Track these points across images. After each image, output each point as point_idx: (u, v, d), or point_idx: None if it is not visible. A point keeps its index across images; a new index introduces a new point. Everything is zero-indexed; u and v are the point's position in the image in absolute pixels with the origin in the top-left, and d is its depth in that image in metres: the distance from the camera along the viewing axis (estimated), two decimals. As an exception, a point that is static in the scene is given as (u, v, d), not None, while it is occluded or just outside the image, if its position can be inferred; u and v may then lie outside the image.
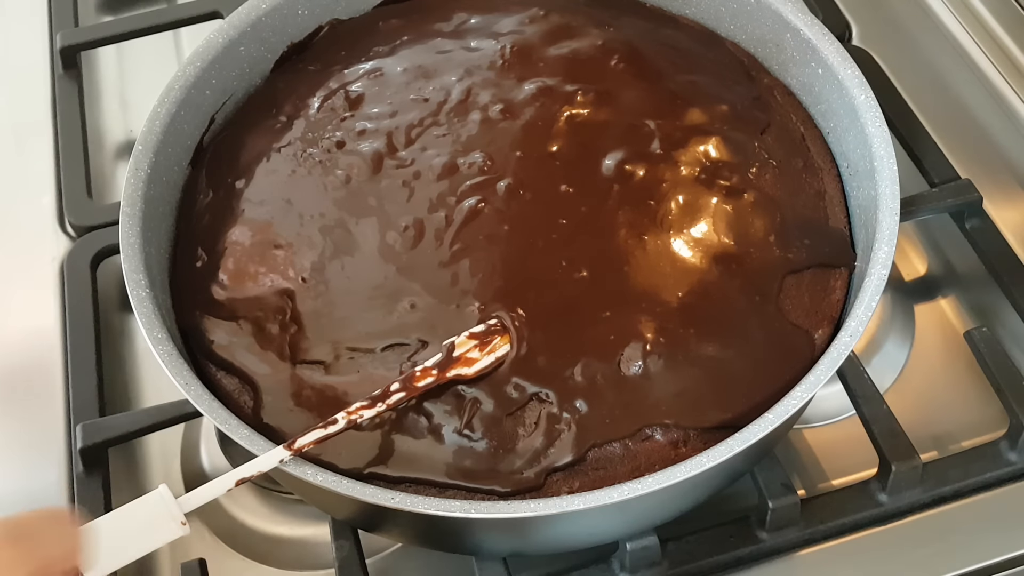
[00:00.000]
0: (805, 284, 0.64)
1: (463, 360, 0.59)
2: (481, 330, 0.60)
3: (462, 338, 0.59)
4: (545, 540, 0.63)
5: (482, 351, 0.59)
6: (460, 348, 0.59)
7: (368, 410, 0.58)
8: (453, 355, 0.59)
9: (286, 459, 0.55)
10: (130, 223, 0.64)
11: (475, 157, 0.66)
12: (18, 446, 0.74)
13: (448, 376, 0.59)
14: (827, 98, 0.70)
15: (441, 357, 0.59)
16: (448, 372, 0.59)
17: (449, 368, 0.59)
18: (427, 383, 0.58)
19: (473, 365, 0.59)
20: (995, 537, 0.66)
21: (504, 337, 0.60)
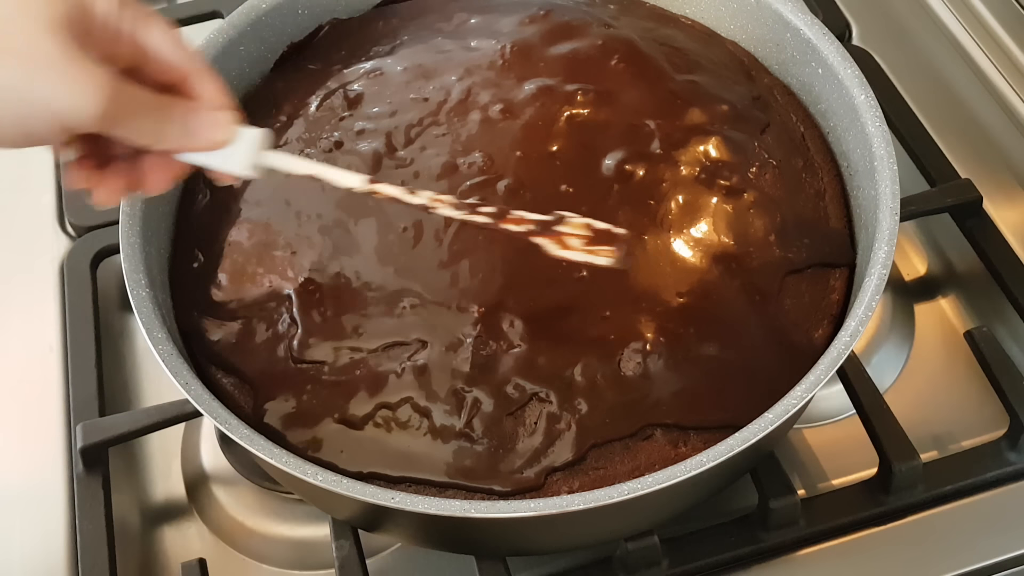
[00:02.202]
0: (805, 284, 0.64)
1: (561, 238, 0.57)
2: (602, 227, 0.58)
3: (579, 219, 0.58)
4: (545, 540, 0.63)
5: (584, 245, 0.57)
6: (568, 226, 0.57)
7: (451, 208, 0.57)
8: (556, 226, 0.57)
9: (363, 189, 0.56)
10: (130, 223, 0.64)
11: (475, 157, 0.66)
12: (18, 446, 0.74)
13: (535, 237, 0.57)
14: (827, 98, 0.70)
15: (548, 218, 0.58)
16: (539, 236, 0.57)
17: (544, 234, 0.57)
18: (515, 229, 0.57)
19: (565, 249, 0.57)
20: (995, 537, 0.66)
21: (611, 252, 0.57)
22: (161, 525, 0.72)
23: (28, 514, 0.71)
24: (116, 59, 0.50)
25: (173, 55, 0.52)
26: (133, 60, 0.51)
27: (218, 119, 0.53)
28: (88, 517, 0.68)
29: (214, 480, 0.73)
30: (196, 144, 0.53)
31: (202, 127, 0.53)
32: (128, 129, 0.51)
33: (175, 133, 0.52)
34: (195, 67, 0.53)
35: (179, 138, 0.52)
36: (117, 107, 0.49)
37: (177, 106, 0.52)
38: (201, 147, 0.53)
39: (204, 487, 0.73)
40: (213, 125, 0.53)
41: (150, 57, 0.51)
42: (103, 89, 0.48)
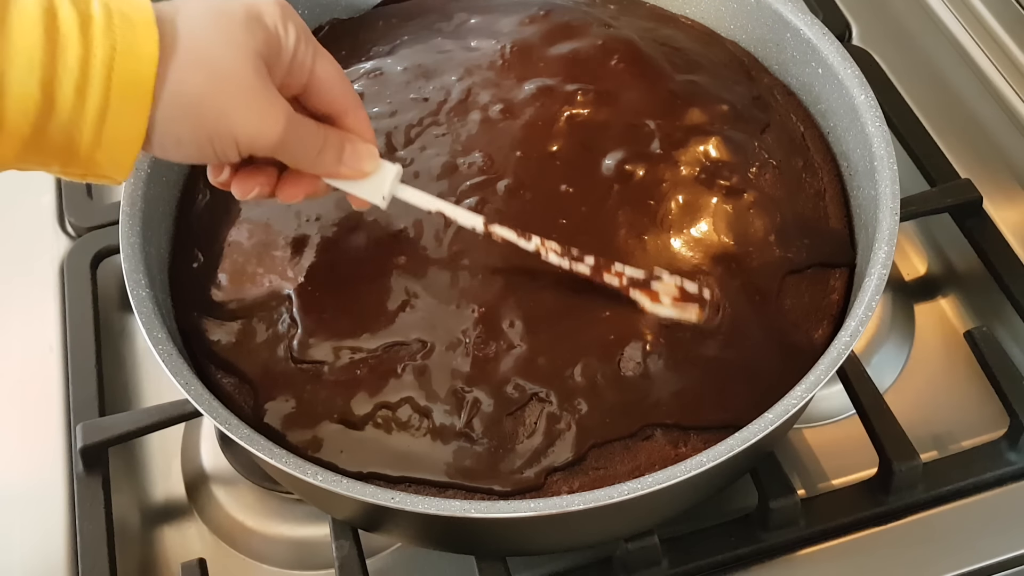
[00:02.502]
0: (805, 284, 0.64)
1: (653, 294, 0.60)
2: (692, 289, 0.60)
3: (672, 279, 0.60)
4: (545, 540, 0.63)
5: (674, 302, 0.60)
6: (661, 284, 0.60)
7: (557, 256, 0.60)
8: (650, 282, 0.60)
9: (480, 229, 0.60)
10: (130, 223, 0.64)
11: (475, 157, 0.66)
12: (18, 446, 0.74)
13: (630, 291, 0.60)
14: (827, 98, 0.70)
15: (641, 275, 0.60)
16: (634, 290, 0.60)
17: (639, 288, 0.60)
18: (612, 281, 0.60)
19: (656, 305, 0.60)
20: (995, 537, 0.66)
21: (700, 312, 0.60)
22: (161, 525, 0.72)
23: (28, 514, 0.71)
24: (288, 87, 0.54)
25: (336, 89, 0.56)
26: (303, 89, 0.55)
27: (366, 152, 0.57)
28: (88, 517, 0.68)
29: (214, 480, 0.73)
30: (346, 173, 0.57)
31: (354, 158, 0.57)
32: (292, 155, 0.55)
33: (330, 161, 0.56)
34: (352, 103, 0.57)
35: (332, 165, 0.57)
36: (289, 136, 0.52)
37: (333, 136, 0.56)
38: (349, 176, 0.58)
39: (204, 487, 0.73)
40: (363, 157, 0.57)
41: (317, 89, 0.55)
42: (283, 121, 0.52)
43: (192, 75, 0.49)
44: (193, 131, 0.50)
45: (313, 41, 0.55)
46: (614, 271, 0.60)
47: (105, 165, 0.50)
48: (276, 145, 0.52)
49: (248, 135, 0.51)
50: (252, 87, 0.51)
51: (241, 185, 0.57)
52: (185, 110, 0.50)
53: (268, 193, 0.58)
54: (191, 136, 0.50)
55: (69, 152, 0.49)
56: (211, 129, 0.50)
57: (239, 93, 0.50)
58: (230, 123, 0.51)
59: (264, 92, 0.51)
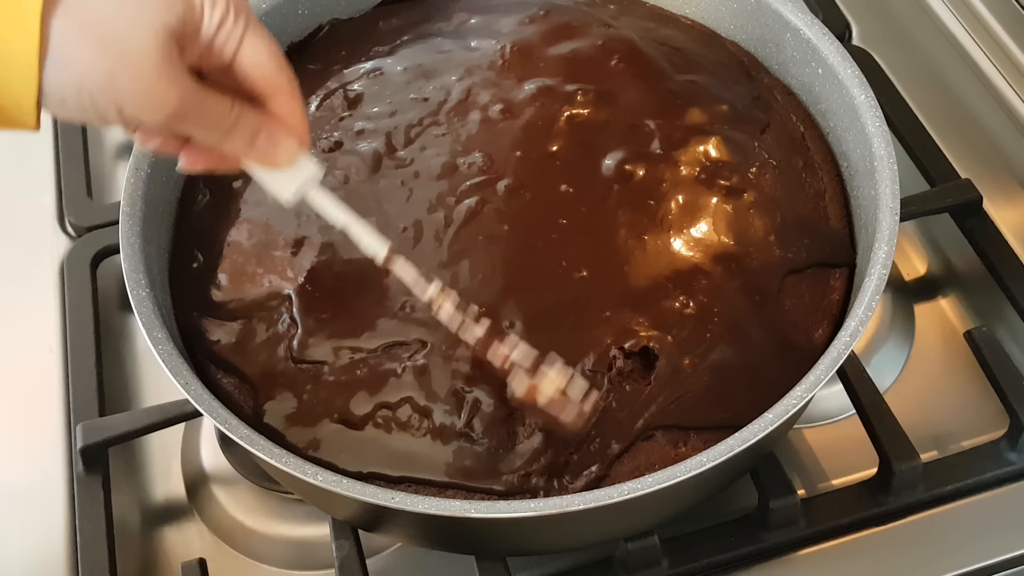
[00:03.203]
0: (805, 284, 0.64)
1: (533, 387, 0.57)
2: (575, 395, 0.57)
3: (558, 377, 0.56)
4: (545, 540, 0.63)
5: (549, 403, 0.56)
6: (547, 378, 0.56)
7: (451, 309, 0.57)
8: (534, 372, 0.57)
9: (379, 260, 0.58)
10: (130, 223, 0.64)
11: (475, 157, 0.66)
12: (18, 446, 0.74)
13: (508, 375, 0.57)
14: (827, 98, 0.70)
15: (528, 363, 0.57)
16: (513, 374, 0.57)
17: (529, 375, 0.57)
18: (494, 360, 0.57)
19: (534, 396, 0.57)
20: (995, 537, 0.66)
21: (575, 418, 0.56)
22: (161, 525, 0.72)
23: (28, 514, 0.71)
24: (208, 63, 0.52)
25: (262, 75, 0.53)
26: (222, 68, 0.53)
27: (283, 142, 0.55)
28: (88, 517, 0.68)
29: (214, 480, 0.73)
30: (256, 157, 0.55)
31: (266, 144, 0.55)
32: (192, 130, 0.53)
33: (238, 143, 0.54)
34: (282, 89, 0.54)
35: (240, 146, 0.54)
36: (184, 113, 0.50)
37: (248, 118, 0.54)
38: (260, 162, 0.56)
39: (204, 487, 0.73)
40: (276, 146, 0.55)
41: (241, 70, 0.53)
42: (175, 99, 0.50)
43: (80, 35, 0.48)
44: (76, 93, 0.48)
45: (244, 20, 0.52)
46: (505, 348, 0.57)
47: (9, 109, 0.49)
48: (166, 121, 0.50)
49: (132, 109, 0.49)
50: (148, 62, 0.48)
51: (143, 136, 0.55)
52: (69, 70, 0.48)
53: (172, 151, 0.55)
54: (74, 97, 0.49)
55: None
56: (94, 95, 0.48)
57: (131, 66, 0.48)
58: (115, 93, 0.48)
59: (161, 69, 0.49)
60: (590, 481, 0.58)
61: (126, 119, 0.50)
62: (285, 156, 0.55)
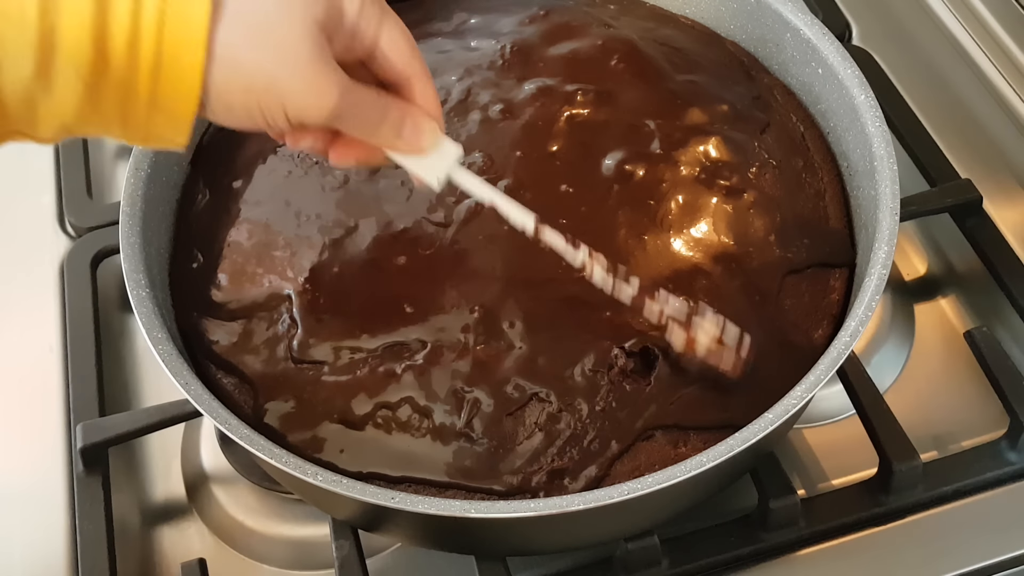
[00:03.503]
0: (805, 284, 0.64)
1: (691, 338, 0.58)
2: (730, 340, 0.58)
3: (716, 319, 0.58)
4: (545, 540, 0.63)
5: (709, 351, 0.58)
6: (703, 325, 0.58)
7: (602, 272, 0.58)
8: (692, 319, 0.58)
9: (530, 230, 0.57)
10: (130, 223, 0.64)
11: (475, 157, 0.66)
12: (18, 446, 0.74)
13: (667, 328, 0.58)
14: (827, 98, 0.70)
15: (684, 313, 0.58)
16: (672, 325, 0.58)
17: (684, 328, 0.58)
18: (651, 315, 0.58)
19: (693, 347, 0.58)
20: (995, 537, 0.66)
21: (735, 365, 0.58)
22: (161, 525, 0.72)
23: (28, 514, 0.71)
24: (352, 53, 0.53)
25: (401, 59, 0.54)
26: (365, 55, 0.53)
27: (427, 128, 0.55)
28: (88, 517, 0.68)
29: (214, 480, 0.73)
30: (402, 147, 0.55)
31: (412, 133, 0.55)
32: (348, 125, 0.53)
33: (387, 133, 0.54)
34: (417, 73, 0.55)
35: (389, 138, 0.55)
36: (344, 108, 0.51)
37: (394, 108, 0.54)
38: (405, 150, 0.56)
39: (204, 487, 0.73)
40: (421, 132, 0.55)
41: (382, 57, 0.53)
42: (336, 94, 0.50)
43: (243, 40, 0.48)
44: (243, 98, 0.49)
45: (379, 5, 0.53)
46: (657, 304, 0.58)
47: (163, 126, 0.49)
48: (328, 118, 0.51)
49: (297, 107, 0.50)
50: (306, 58, 0.49)
51: (294, 137, 0.55)
52: (235, 76, 0.48)
53: (321, 149, 0.56)
54: (241, 102, 0.49)
55: (126, 112, 0.48)
56: (260, 98, 0.49)
57: (291, 63, 0.49)
58: (280, 94, 0.49)
59: (318, 64, 0.49)
60: (590, 481, 0.58)
61: (291, 119, 0.50)
62: (429, 140, 0.55)
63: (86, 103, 0.47)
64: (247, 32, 0.48)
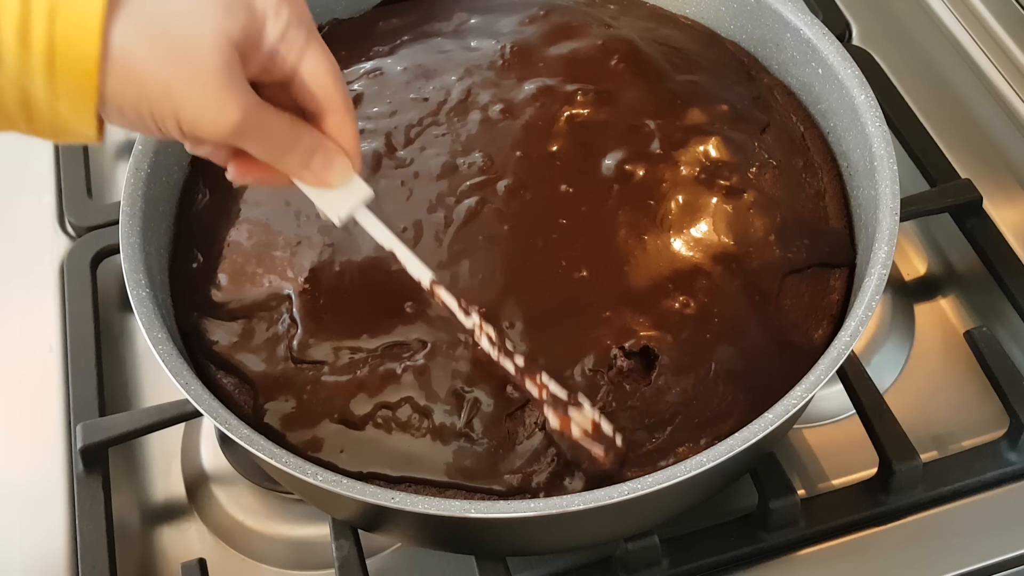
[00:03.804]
0: (805, 284, 0.64)
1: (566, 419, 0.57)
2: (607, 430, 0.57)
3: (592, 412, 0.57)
4: (545, 540, 0.63)
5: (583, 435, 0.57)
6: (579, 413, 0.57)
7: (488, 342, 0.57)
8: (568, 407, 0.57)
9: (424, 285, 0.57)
10: (130, 223, 0.64)
11: (475, 157, 0.66)
12: (18, 446, 0.74)
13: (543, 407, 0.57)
14: (827, 98, 0.70)
15: (564, 396, 0.57)
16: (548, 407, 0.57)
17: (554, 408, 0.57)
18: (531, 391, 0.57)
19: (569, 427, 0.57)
20: (995, 537, 0.66)
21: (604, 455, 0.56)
22: (161, 525, 0.72)
23: (28, 514, 0.71)
24: (269, 75, 0.51)
25: (321, 90, 0.52)
26: (284, 80, 0.52)
27: (337, 163, 0.54)
28: (88, 517, 0.68)
29: (214, 480, 0.73)
30: (308, 179, 0.54)
31: (321, 166, 0.53)
32: (251, 146, 0.51)
33: (294, 162, 0.53)
34: (337, 105, 0.53)
35: (295, 167, 0.53)
36: (245, 130, 0.49)
37: (306, 136, 0.53)
38: (311, 183, 0.54)
39: (204, 487, 0.73)
40: (331, 166, 0.54)
41: (301, 84, 0.52)
42: (237, 113, 0.48)
43: (143, 42, 0.46)
44: (135, 102, 0.47)
45: (306, 32, 0.51)
46: (539, 381, 0.57)
47: (69, 119, 0.47)
48: (227, 136, 0.48)
49: (192, 121, 0.47)
50: (209, 72, 0.46)
51: (189, 146, 0.53)
52: (128, 77, 0.46)
53: (220, 160, 0.54)
54: (132, 106, 0.47)
55: (28, 105, 0.46)
56: (153, 106, 0.47)
57: (193, 77, 0.46)
58: (175, 105, 0.47)
59: (222, 80, 0.47)
60: (590, 481, 0.58)
61: (185, 133, 0.48)
62: (337, 177, 0.54)
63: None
64: (147, 34, 0.46)
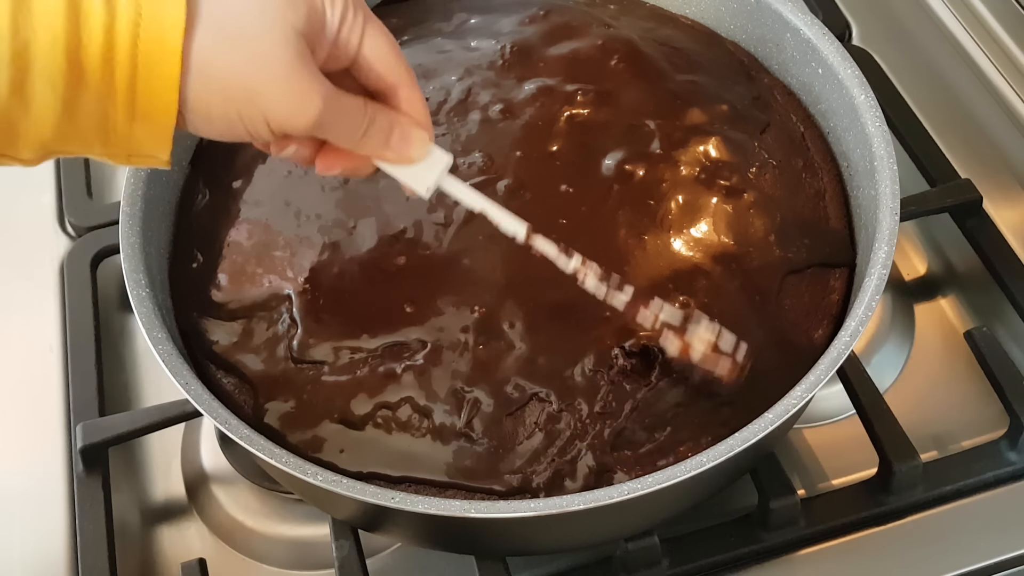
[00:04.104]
0: (805, 284, 0.64)
1: (685, 344, 0.58)
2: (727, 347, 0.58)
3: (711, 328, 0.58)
4: (545, 540, 0.63)
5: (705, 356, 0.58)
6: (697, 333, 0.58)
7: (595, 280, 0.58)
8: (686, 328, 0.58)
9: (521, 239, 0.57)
10: (130, 223, 0.64)
11: (475, 157, 0.66)
12: (18, 446, 0.74)
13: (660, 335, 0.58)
14: (827, 98, 0.70)
15: (678, 320, 0.58)
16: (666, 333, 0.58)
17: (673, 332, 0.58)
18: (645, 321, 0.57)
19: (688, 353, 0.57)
20: (995, 537, 0.66)
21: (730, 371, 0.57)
22: (161, 525, 0.72)
23: (28, 514, 0.71)
24: (336, 62, 0.52)
25: (386, 66, 0.53)
26: (349, 63, 0.53)
27: (415, 137, 0.55)
28: (88, 517, 0.68)
29: (214, 480, 0.73)
30: (390, 157, 0.55)
31: (400, 142, 0.54)
32: (332, 135, 0.52)
33: (375, 144, 0.54)
34: (404, 80, 0.54)
35: (376, 148, 0.54)
36: (328, 116, 0.50)
37: (381, 117, 0.53)
38: (394, 160, 0.55)
39: (204, 487, 0.73)
40: (410, 141, 0.55)
41: (365, 65, 0.53)
42: (319, 102, 0.49)
43: (220, 48, 0.47)
44: (222, 108, 0.48)
45: (363, 13, 0.52)
46: (652, 310, 0.58)
47: (144, 141, 0.48)
48: (312, 127, 0.50)
49: (279, 117, 0.49)
50: (286, 67, 0.48)
51: (278, 145, 0.54)
52: (212, 86, 0.48)
53: (306, 158, 0.55)
54: (220, 113, 0.48)
55: (105, 128, 0.48)
56: (240, 108, 0.48)
57: (271, 72, 0.48)
58: (260, 103, 0.48)
59: (300, 73, 0.48)
60: (590, 481, 0.58)
61: (273, 128, 0.49)
62: (418, 150, 0.55)
63: (64, 119, 0.47)
64: (224, 41, 0.47)
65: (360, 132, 0.53)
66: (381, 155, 0.55)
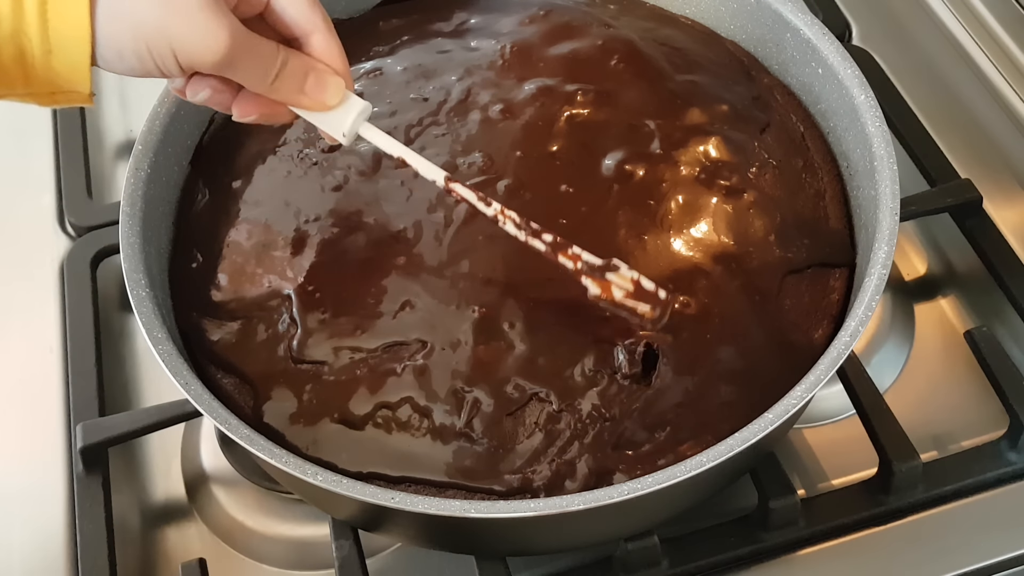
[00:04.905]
0: (805, 284, 0.64)
1: (606, 284, 0.58)
2: (648, 286, 0.58)
3: (630, 273, 0.58)
4: (545, 540, 0.63)
5: (626, 296, 0.58)
6: (616, 275, 0.58)
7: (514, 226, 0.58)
8: (605, 272, 0.58)
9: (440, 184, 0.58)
10: (130, 223, 0.64)
11: (475, 157, 0.66)
12: (18, 446, 0.74)
13: (581, 277, 0.58)
14: (827, 98, 0.70)
15: (599, 263, 0.58)
16: (586, 277, 0.58)
17: (592, 276, 0.58)
18: (567, 264, 0.58)
19: (610, 291, 0.58)
20: (995, 537, 0.66)
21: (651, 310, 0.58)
22: (161, 525, 0.72)
23: (28, 514, 0.71)
24: (248, 7, 0.53)
25: (299, 13, 0.54)
26: (262, 8, 0.54)
27: (331, 83, 0.55)
28: (88, 517, 0.68)
29: (214, 480, 0.73)
30: (305, 103, 0.55)
31: (315, 88, 0.55)
32: (243, 76, 0.53)
33: (288, 88, 0.54)
34: (318, 28, 0.55)
35: (290, 93, 0.55)
36: (236, 56, 0.51)
37: (296, 62, 0.54)
38: (309, 107, 0.56)
39: (204, 487, 0.73)
40: (325, 88, 0.55)
41: (277, 9, 0.54)
42: (226, 39, 0.50)
43: None
44: (133, 43, 0.50)
45: None
46: (571, 253, 0.58)
47: (64, 74, 0.50)
48: (220, 64, 0.51)
49: (187, 51, 0.50)
50: (196, 3, 0.49)
51: (192, 86, 0.55)
52: (122, 20, 0.49)
53: (222, 103, 0.56)
54: (131, 48, 0.50)
55: (24, 63, 0.49)
56: (149, 43, 0.50)
57: (179, 7, 0.49)
58: (169, 38, 0.50)
59: (208, 8, 0.50)
60: (590, 481, 0.58)
61: (182, 63, 0.50)
62: (334, 96, 0.55)
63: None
64: None
65: (271, 75, 0.53)
66: (296, 101, 0.55)
